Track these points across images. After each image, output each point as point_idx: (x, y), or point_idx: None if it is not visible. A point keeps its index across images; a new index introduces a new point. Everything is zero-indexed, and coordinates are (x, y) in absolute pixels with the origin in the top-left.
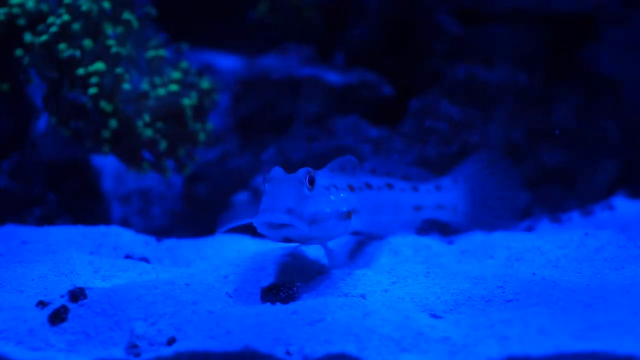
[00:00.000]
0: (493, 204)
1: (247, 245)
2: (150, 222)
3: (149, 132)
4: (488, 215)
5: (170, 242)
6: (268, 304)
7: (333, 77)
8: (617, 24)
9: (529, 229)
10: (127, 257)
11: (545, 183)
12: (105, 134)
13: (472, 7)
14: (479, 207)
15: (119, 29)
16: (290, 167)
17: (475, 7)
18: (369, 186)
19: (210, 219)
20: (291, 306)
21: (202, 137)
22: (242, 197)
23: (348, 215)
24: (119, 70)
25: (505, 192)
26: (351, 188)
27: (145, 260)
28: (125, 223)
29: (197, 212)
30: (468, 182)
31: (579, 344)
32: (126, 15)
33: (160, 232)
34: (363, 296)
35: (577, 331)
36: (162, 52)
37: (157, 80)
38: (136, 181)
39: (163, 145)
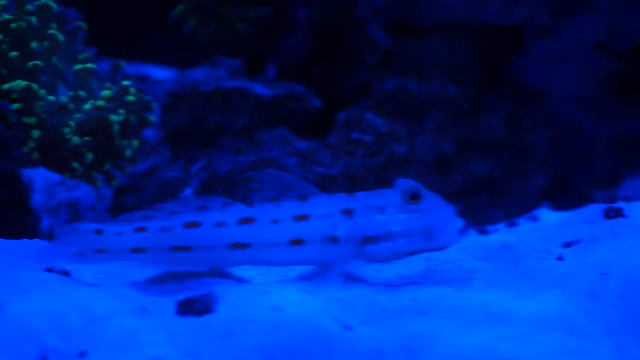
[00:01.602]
0: None
1: None
2: None
3: (76, 140)
4: None
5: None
6: (182, 317)
7: (262, 89)
8: (544, 35)
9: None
10: (48, 270)
11: (475, 193)
12: (31, 144)
13: (403, 19)
14: None
15: (46, 43)
16: (216, 180)
17: (406, 20)
18: None
19: None
20: (205, 319)
21: (128, 153)
22: None
23: None
24: (34, 85)
25: None
26: None
27: (65, 273)
28: (52, 235)
29: None
30: None
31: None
32: (52, 30)
33: None
34: (279, 309)
35: (483, 343)
36: (90, 66)
37: (83, 93)
38: (66, 193)
39: (89, 157)
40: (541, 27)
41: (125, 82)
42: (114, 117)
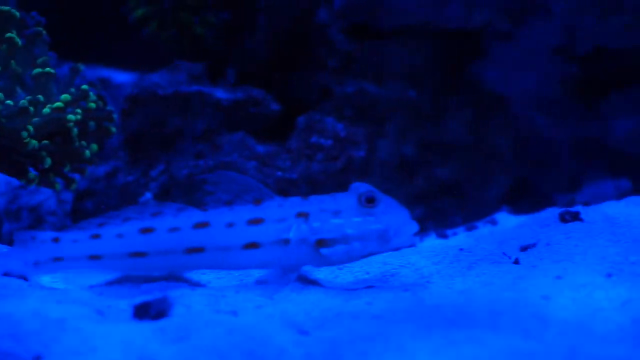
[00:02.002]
0: None
1: None
2: None
3: (34, 143)
4: None
5: None
6: (138, 321)
7: (221, 93)
8: (503, 40)
9: (410, 245)
10: (5, 274)
11: (437, 197)
12: None
13: (363, 23)
14: None
15: (4, 47)
16: (176, 184)
17: (366, 24)
18: None
19: None
20: (160, 323)
21: (87, 154)
22: None
23: None
24: None
25: None
26: None
27: (23, 278)
28: (12, 240)
29: None
30: None
31: None
32: (9, 34)
33: None
34: (234, 313)
35: (434, 347)
36: (49, 70)
37: (41, 97)
38: (27, 197)
39: (48, 161)
40: (500, 32)
41: (84, 87)
42: (71, 117)
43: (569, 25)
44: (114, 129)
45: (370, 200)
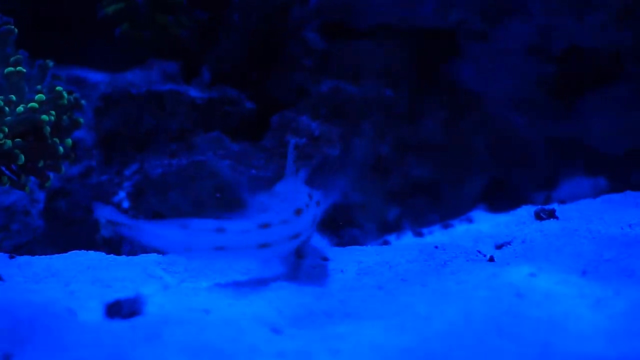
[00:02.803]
0: None
1: (100, 262)
2: (12, 239)
3: (9, 143)
4: None
5: (24, 260)
6: (110, 320)
7: (196, 92)
8: (479, 39)
9: (385, 243)
10: None
11: (413, 196)
12: None
13: (338, 22)
14: None
15: None
16: (149, 184)
17: (341, 23)
18: None
19: (70, 235)
20: (133, 321)
21: (60, 150)
22: (104, 212)
23: None
24: None
25: None
26: None
27: None
28: None
29: (57, 229)
30: None
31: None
32: None
33: (21, 249)
34: (207, 311)
35: (407, 343)
36: (20, 69)
37: (14, 97)
38: (1, 197)
39: (22, 158)
40: (475, 31)
41: (59, 88)
42: (44, 118)
43: (544, 24)
44: (82, 120)
45: None
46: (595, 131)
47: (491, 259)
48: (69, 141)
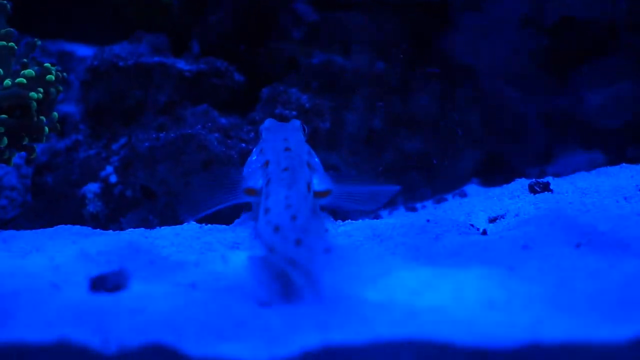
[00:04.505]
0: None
1: (86, 235)
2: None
3: None
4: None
5: (7, 234)
6: (94, 294)
7: (184, 65)
8: (471, 10)
9: (376, 217)
10: None
11: (407, 171)
12: None
13: None
14: None
15: None
16: (137, 157)
17: None
18: None
19: (56, 210)
20: (117, 296)
21: (46, 130)
22: (91, 188)
23: None
24: None
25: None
26: None
27: None
28: None
29: (44, 204)
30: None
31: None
32: None
33: (7, 224)
34: (193, 285)
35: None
36: (12, 45)
37: (1, 71)
38: None
39: (5, 141)
40: (469, 2)
41: (47, 65)
42: (33, 95)
43: None
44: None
45: None
46: (590, 104)
47: (484, 232)
48: (55, 115)
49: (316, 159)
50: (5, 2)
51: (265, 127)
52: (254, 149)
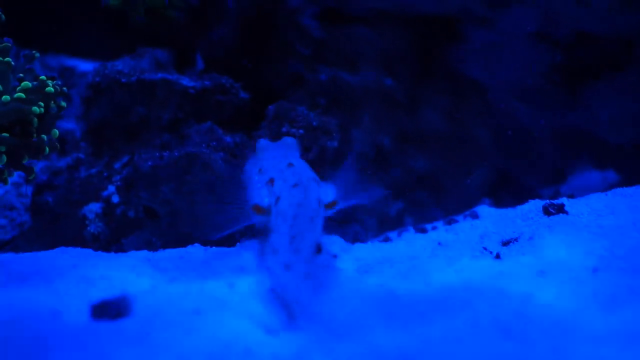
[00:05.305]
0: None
1: (88, 259)
2: None
3: None
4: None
5: (7, 257)
6: (96, 321)
7: (188, 81)
8: (482, 25)
9: (386, 240)
10: None
11: (415, 190)
12: None
13: (335, 8)
14: None
15: None
16: (140, 177)
17: (339, 9)
18: None
19: (56, 231)
20: (120, 323)
21: (47, 150)
22: (92, 208)
23: None
24: None
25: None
26: None
27: None
28: None
29: (44, 224)
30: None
31: None
32: None
33: (7, 245)
34: (197, 312)
35: (404, 345)
36: (8, 60)
37: (0, 87)
38: None
39: (4, 159)
40: (478, 17)
41: (42, 77)
42: (35, 109)
43: (549, 9)
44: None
45: None
46: (604, 121)
47: (497, 256)
48: (56, 132)
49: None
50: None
51: (262, 147)
52: (250, 170)
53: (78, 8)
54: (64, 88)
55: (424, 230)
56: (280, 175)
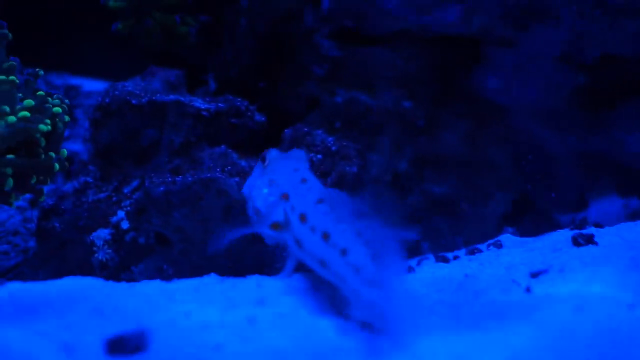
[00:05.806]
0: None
1: (99, 290)
2: (1, 261)
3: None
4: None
5: (14, 287)
6: (112, 357)
7: (201, 103)
8: (505, 47)
9: (409, 270)
10: None
11: (434, 216)
12: None
13: (352, 29)
14: None
15: None
16: (151, 202)
17: (356, 29)
18: None
19: (63, 257)
20: (137, 358)
21: (56, 167)
22: (101, 234)
23: None
24: None
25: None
26: None
27: None
28: None
29: (50, 250)
30: None
31: None
32: None
33: (10, 272)
34: (218, 348)
35: None
36: (13, 78)
37: (7, 108)
38: None
39: (10, 182)
40: (501, 38)
41: (40, 92)
42: (42, 127)
43: (576, 31)
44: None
45: None
46: (629, 147)
47: (528, 290)
48: (64, 151)
49: None
50: (5, 31)
51: (273, 157)
52: (258, 180)
53: (83, 25)
54: (66, 100)
55: (445, 260)
56: (294, 191)
